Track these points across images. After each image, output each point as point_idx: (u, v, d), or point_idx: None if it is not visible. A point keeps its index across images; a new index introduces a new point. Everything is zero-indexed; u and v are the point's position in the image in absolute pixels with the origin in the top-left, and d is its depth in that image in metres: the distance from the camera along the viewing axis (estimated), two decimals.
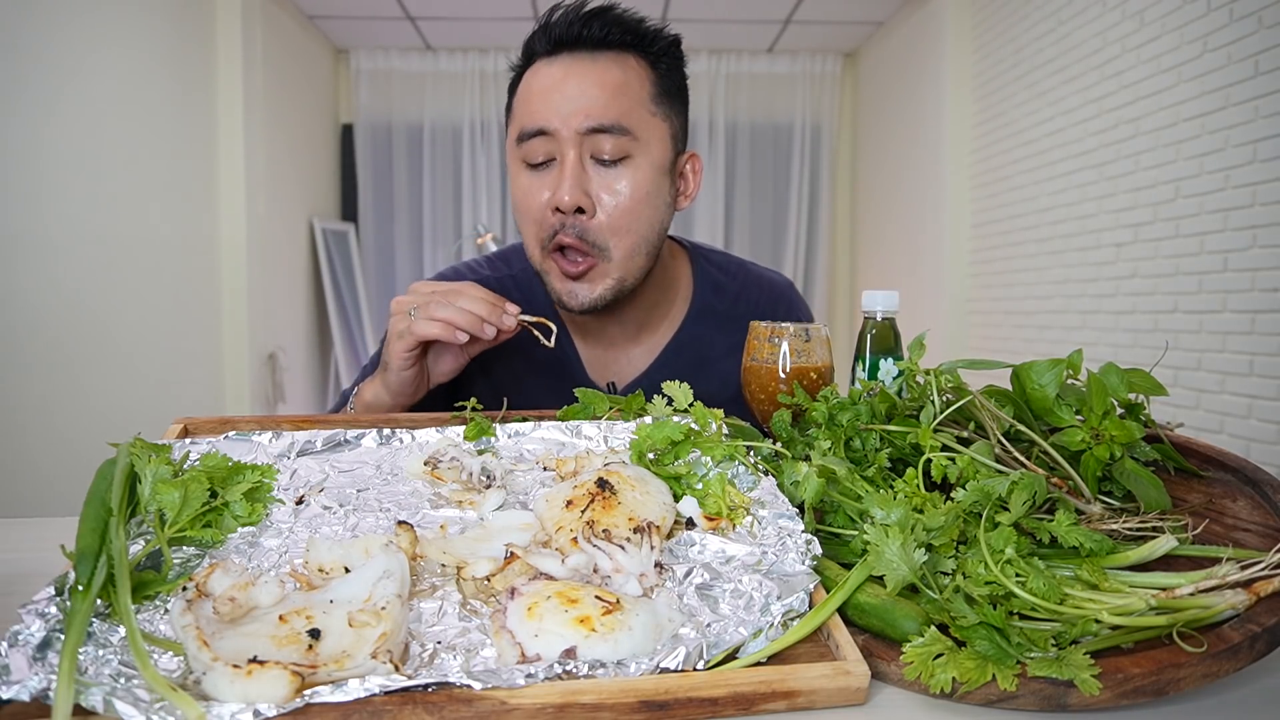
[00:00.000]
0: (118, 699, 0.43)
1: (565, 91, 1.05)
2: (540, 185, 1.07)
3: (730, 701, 0.48)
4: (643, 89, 1.08)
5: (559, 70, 1.07)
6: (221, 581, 0.55)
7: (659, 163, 1.09)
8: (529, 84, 1.09)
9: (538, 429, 0.86)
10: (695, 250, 1.31)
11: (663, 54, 1.11)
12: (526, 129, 1.06)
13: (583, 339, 1.24)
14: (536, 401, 1.19)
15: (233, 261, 3.85)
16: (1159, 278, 2.72)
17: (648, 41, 1.10)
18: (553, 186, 1.06)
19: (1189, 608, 0.52)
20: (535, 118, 1.06)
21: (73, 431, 2.73)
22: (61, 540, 0.58)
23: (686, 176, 1.18)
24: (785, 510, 0.65)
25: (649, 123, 1.08)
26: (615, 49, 1.08)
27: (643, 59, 1.10)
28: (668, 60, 1.12)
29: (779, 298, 1.31)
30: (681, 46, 1.15)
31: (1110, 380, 0.73)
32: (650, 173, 1.08)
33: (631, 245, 1.09)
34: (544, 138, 1.05)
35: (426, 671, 0.49)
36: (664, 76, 1.11)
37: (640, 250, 1.10)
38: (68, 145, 2.76)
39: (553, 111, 1.05)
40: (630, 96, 1.06)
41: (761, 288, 1.30)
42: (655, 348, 1.25)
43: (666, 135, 1.11)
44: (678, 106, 1.14)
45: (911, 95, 4.44)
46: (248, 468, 0.70)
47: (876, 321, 0.94)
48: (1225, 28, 2.42)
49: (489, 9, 4.50)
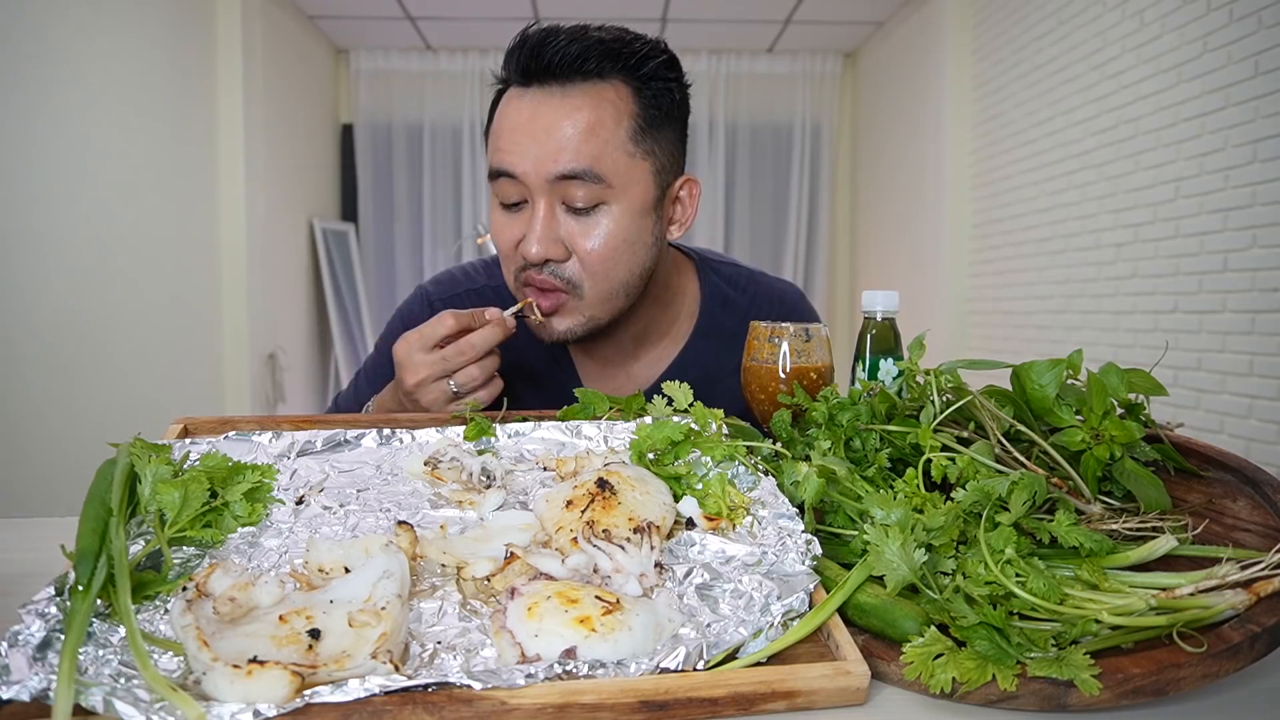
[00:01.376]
0: (118, 699, 0.43)
1: (533, 133, 0.97)
2: (512, 225, 1.03)
3: (730, 701, 0.48)
4: (619, 126, 0.99)
5: (528, 107, 0.98)
6: (221, 581, 0.55)
7: (639, 205, 1.02)
8: (500, 119, 1.02)
9: (538, 429, 0.86)
10: (703, 262, 1.26)
11: (651, 77, 1.02)
12: (496, 168, 1.01)
13: (579, 356, 1.21)
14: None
15: (233, 261, 3.85)
16: (1159, 278, 2.72)
17: (633, 65, 1.00)
18: (523, 230, 1.01)
19: (1189, 608, 0.52)
20: (504, 159, 0.99)
21: (72, 431, 2.73)
22: (61, 540, 0.58)
23: (683, 202, 1.10)
24: (785, 510, 0.65)
25: (626, 165, 0.99)
26: (593, 78, 0.99)
27: (626, 85, 1.00)
28: (657, 83, 1.02)
29: (790, 310, 1.27)
30: (678, 64, 1.06)
31: (1110, 380, 0.73)
32: (627, 219, 1.01)
33: (607, 289, 1.04)
34: (513, 181, 0.99)
35: (426, 671, 0.49)
36: (651, 103, 1.01)
37: (617, 293, 1.05)
38: (68, 145, 2.76)
39: (520, 155, 0.98)
40: (604, 138, 0.97)
41: (772, 300, 1.26)
42: (658, 363, 1.21)
43: (649, 174, 1.02)
44: (668, 133, 1.05)
45: (911, 95, 4.44)
46: (248, 468, 0.70)
47: (876, 321, 0.94)
48: (1225, 28, 2.42)
49: (489, 9, 4.50)
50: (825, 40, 5.11)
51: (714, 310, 1.23)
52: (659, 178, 1.04)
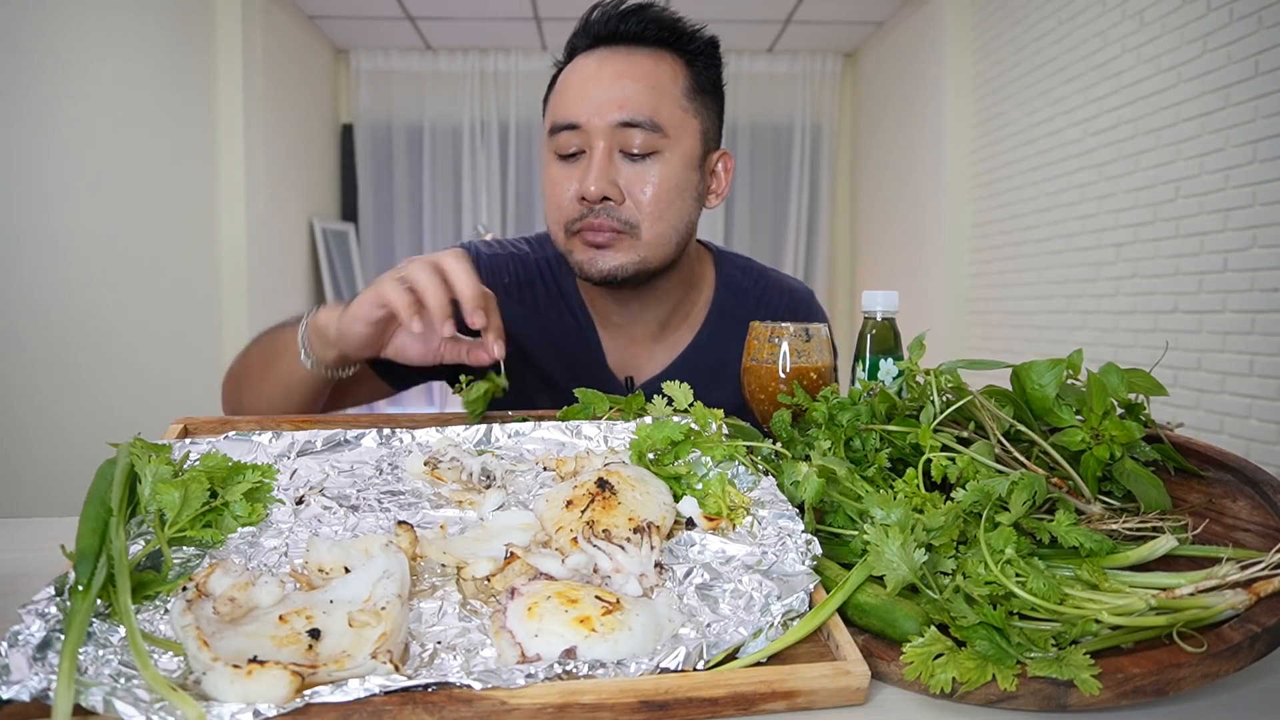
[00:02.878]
0: (118, 699, 0.43)
1: (600, 83, 1.07)
2: (568, 176, 1.08)
3: (730, 701, 0.48)
4: (676, 84, 1.09)
5: (594, 62, 1.08)
6: (221, 581, 0.55)
7: (689, 158, 1.10)
8: (565, 77, 1.11)
9: (538, 429, 0.86)
10: (720, 253, 1.32)
11: (699, 53, 1.13)
12: (559, 122, 1.08)
13: (606, 330, 1.24)
14: (553, 382, 1.20)
15: (233, 261, 3.85)
16: (1159, 278, 2.72)
17: (684, 40, 1.12)
18: (580, 178, 1.06)
19: (1189, 608, 0.52)
20: (568, 111, 1.07)
21: (73, 431, 2.73)
22: (62, 540, 0.58)
23: (718, 175, 1.18)
24: (785, 510, 0.65)
25: (680, 118, 1.09)
26: (651, 45, 1.10)
27: (679, 57, 1.11)
28: (704, 60, 1.13)
29: (798, 304, 1.31)
30: (719, 48, 1.16)
31: (1110, 380, 0.73)
32: (679, 167, 1.09)
33: (661, 232, 1.10)
34: (574, 131, 1.06)
35: (426, 671, 0.49)
36: (699, 75, 1.12)
37: (669, 239, 1.11)
38: (68, 145, 2.76)
39: (585, 104, 1.06)
40: (663, 91, 1.08)
41: (782, 293, 1.30)
42: (676, 347, 1.25)
43: (698, 131, 1.12)
44: (711, 105, 1.15)
45: (911, 95, 4.44)
46: (248, 467, 0.70)
47: (876, 321, 0.94)
48: (1225, 28, 2.42)
49: (489, 9, 4.50)
50: (825, 40, 5.11)
51: (727, 297, 1.27)
52: (704, 139, 1.14)
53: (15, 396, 2.53)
